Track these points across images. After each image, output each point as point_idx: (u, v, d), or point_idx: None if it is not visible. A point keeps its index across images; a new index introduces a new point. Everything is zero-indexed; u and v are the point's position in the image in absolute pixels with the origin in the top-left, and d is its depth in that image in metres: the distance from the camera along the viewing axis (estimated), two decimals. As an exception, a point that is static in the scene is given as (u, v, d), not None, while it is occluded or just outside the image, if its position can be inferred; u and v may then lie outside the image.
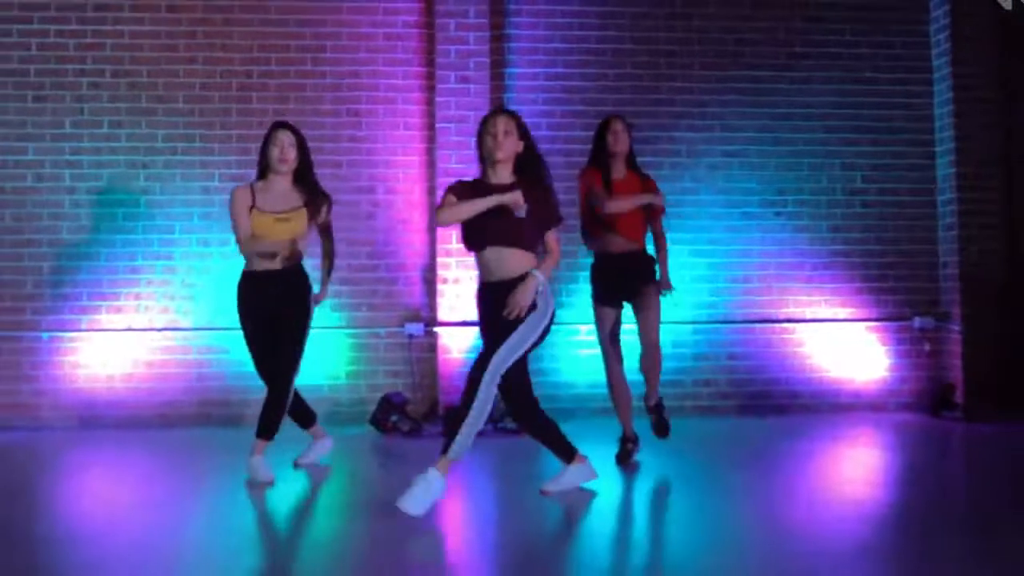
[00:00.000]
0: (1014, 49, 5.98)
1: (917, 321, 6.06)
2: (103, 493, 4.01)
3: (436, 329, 5.72)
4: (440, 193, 4.89)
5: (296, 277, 3.98)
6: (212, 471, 4.30)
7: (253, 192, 3.97)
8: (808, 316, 6.07)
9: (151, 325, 5.71)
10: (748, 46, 6.11)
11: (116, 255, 5.72)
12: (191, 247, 5.75)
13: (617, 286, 4.27)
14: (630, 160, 4.35)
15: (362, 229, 5.84)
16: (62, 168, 5.75)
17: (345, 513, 3.59)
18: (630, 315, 4.32)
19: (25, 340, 5.64)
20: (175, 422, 5.60)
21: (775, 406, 5.94)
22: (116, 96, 5.78)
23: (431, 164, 5.85)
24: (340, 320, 5.79)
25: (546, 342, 5.73)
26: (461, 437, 3.17)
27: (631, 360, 4.32)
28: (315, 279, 4.18)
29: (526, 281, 3.34)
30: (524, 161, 3.46)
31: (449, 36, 5.79)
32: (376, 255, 5.86)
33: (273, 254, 3.91)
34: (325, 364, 5.72)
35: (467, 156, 5.11)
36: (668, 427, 4.38)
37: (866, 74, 6.16)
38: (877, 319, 6.10)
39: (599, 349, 4.32)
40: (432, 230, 5.80)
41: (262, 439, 3.91)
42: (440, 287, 5.71)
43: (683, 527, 3.29)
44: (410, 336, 5.76)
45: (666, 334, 5.71)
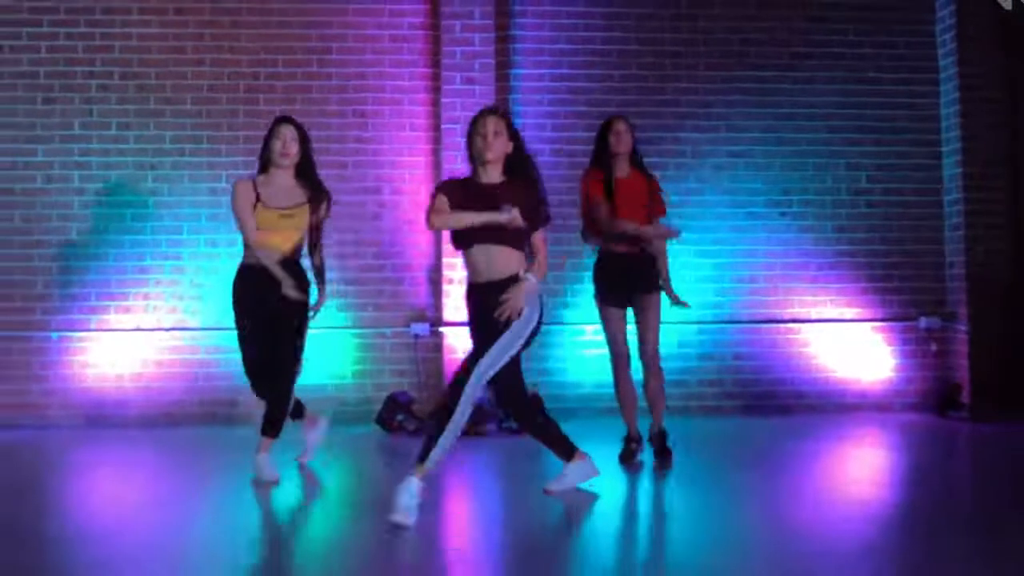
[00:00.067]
0: (1014, 49, 5.95)
1: (923, 321, 6.05)
2: (111, 492, 4.04)
3: (442, 329, 5.74)
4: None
5: (295, 273, 3.96)
6: (218, 470, 4.33)
7: (256, 186, 3.94)
8: (814, 316, 6.06)
9: (159, 325, 5.74)
10: (753, 47, 6.11)
11: (125, 255, 5.76)
12: (199, 247, 5.78)
13: (620, 286, 4.27)
14: (634, 159, 4.35)
15: (368, 230, 5.86)
16: (71, 169, 5.79)
17: (351, 512, 3.61)
18: (629, 316, 4.32)
19: (35, 340, 5.68)
20: (183, 421, 5.63)
21: (781, 406, 5.94)
22: (124, 98, 5.81)
23: (437, 165, 5.87)
24: (346, 320, 5.81)
25: (552, 342, 5.88)
26: (439, 446, 3.13)
27: (636, 360, 4.32)
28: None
29: (520, 284, 3.29)
30: (514, 161, 3.44)
31: (455, 37, 5.81)
32: (382, 255, 5.88)
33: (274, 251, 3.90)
34: (331, 364, 5.75)
35: (473, 157, 5.11)
36: (671, 459, 4.18)
37: (870, 74, 6.16)
38: (883, 319, 6.09)
39: (607, 349, 4.32)
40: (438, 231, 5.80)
41: (267, 437, 3.93)
42: (446, 287, 5.73)
43: (688, 527, 3.30)
44: (416, 336, 5.78)
45: (672, 334, 5.76)
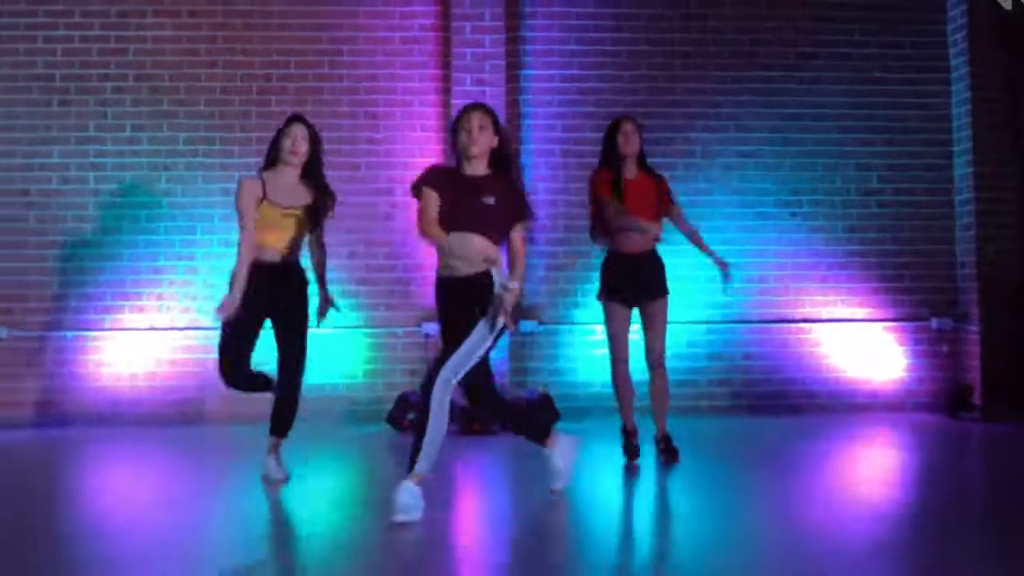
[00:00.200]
0: (1015, 49, 5.91)
1: (935, 322, 6.03)
2: (124, 490, 4.09)
3: (452, 329, 5.76)
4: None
5: (294, 272, 3.96)
6: (230, 468, 4.36)
7: (263, 183, 3.90)
8: (824, 316, 6.05)
9: (173, 324, 5.79)
10: (763, 47, 6.11)
11: (139, 256, 5.82)
12: (212, 248, 5.82)
13: (628, 286, 4.27)
14: (641, 160, 4.36)
15: (380, 230, 5.90)
16: (86, 171, 5.85)
17: (361, 510, 3.63)
18: (633, 316, 4.34)
19: (50, 339, 5.75)
20: (195, 419, 5.68)
21: (791, 406, 5.94)
22: (139, 100, 5.87)
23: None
24: (358, 320, 5.84)
25: (562, 342, 5.90)
26: (424, 452, 3.16)
27: (636, 361, 4.32)
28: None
29: (512, 292, 3.22)
30: (499, 156, 3.45)
31: (465, 39, 5.84)
32: (394, 256, 5.91)
33: (273, 248, 3.88)
34: (343, 363, 5.78)
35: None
36: (678, 456, 4.25)
37: (879, 74, 6.15)
38: (894, 319, 6.08)
39: (606, 346, 4.31)
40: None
41: (276, 437, 3.95)
42: (456, 287, 5.75)
43: (698, 526, 3.30)
44: (427, 335, 5.81)
45: (681, 334, 5.77)
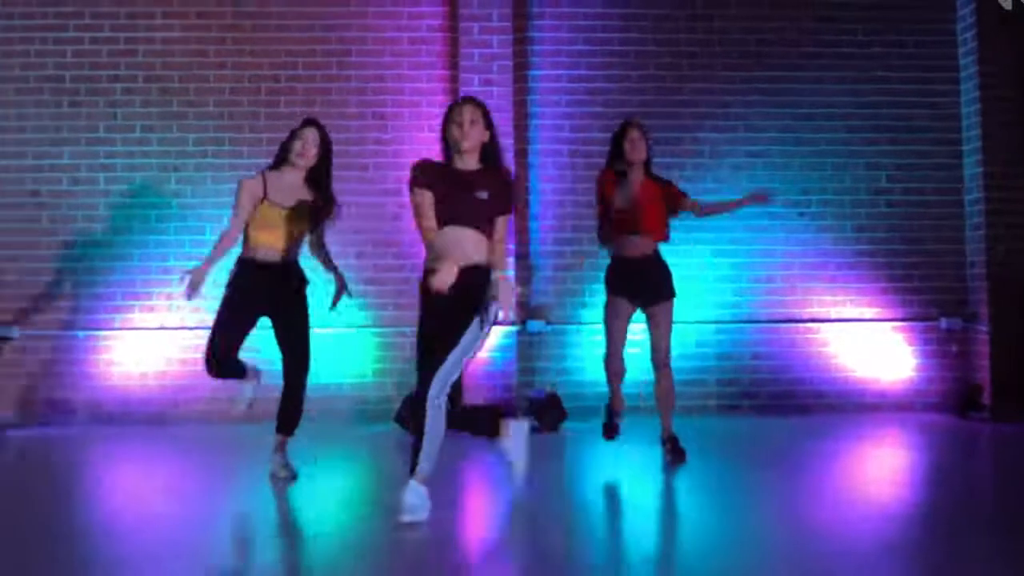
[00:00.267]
0: (1022, 47, 5.86)
1: (944, 322, 6.01)
2: (134, 488, 4.12)
3: (461, 329, 5.77)
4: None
5: (293, 272, 3.97)
6: (239, 467, 4.39)
7: (266, 182, 3.90)
8: (833, 316, 6.04)
9: (183, 324, 5.82)
10: (770, 46, 6.10)
11: (149, 256, 5.85)
12: (221, 248, 5.85)
13: (633, 290, 4.29)
14: (647, 168, 4.37)
15: (388, 230, 5.91)
16: (96, 172, 5.88)
17: (369, 510, 3.64)
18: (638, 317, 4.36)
19: (61, 338, 5.78)
20: (204, 419, 5.71)
21: (800, 406, 5.92)
22: (148, 101, 5.90)
23: (456, 166, 5.91)
24: (366, 319, 5.86)
25: (570, 342, 5.91)
26: (425, 455, 3.15)
27: (638, 362, 4.34)
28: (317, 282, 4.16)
29: (508, 285, 3.22)
30: (490, 150, 3.44)
31: (473, 39, 5.85)
32: (402, 255, 5.92)
33: (271, 246, 3.90)
34: (351, 362, 5.80)
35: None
36: (685, 455, 4.24)
37: (884, 73, 6.12)
38: (903, 319, 6.06)
39: (603, 331, 4.35)
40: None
41: (282, 435, 3.97)
42: (464, 287, 5.76)
43: (706, 526, 3.31)
44: (435, 336, 5.82)
45: (689, 334, 5.77)
